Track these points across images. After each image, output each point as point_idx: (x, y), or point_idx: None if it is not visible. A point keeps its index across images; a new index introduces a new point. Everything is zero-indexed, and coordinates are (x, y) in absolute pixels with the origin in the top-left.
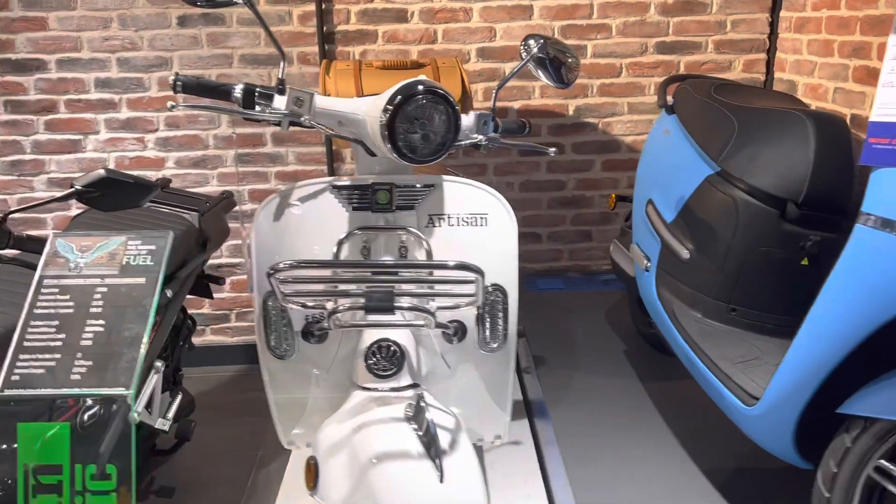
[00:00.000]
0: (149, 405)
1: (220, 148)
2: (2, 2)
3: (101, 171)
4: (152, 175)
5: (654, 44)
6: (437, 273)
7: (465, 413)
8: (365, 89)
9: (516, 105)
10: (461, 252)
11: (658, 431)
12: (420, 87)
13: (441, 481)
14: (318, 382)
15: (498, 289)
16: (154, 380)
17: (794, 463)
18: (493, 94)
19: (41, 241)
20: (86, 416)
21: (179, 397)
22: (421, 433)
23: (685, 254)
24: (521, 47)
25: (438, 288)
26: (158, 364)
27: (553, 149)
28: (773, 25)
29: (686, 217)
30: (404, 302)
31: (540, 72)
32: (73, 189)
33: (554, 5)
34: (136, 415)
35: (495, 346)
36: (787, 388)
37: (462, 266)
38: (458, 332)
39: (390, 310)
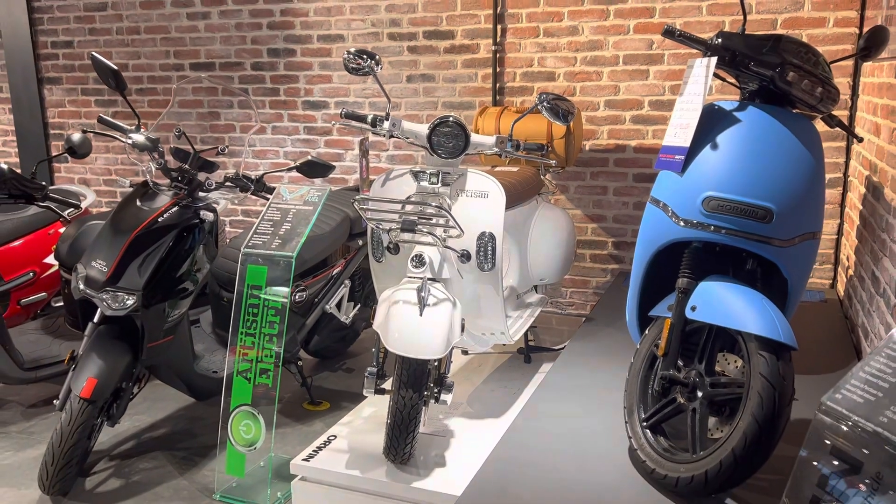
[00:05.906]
0: (339, 305)
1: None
2: (307, 64)
3: (310, 156)
4: None
5: None
6: (427, 211)
7: (470, 309)
8: (501, 126)
9: (633, 143)
10: (469, 211)
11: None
12: (450, 119)
13: (420, 315)
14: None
15: (489, 235)
16: (343, 291)
17: None
18: (511, 126)
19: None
20: (277, 263)
21: (358, 306)
22: (418, 295)
23: None
24: (536, 98)
25: (438, 221)
26: (347, 281)
27: (554, 161)
28: (854, 87)
29: None
30: (422, 227)
31: (548, 114)
32: (294, 164)
33: (666, 70)
34: (328, 307)
35: (486, 269)
36: (630, 297)
37: (438, 207)
38: (463, 255)
39: (412, 230)
